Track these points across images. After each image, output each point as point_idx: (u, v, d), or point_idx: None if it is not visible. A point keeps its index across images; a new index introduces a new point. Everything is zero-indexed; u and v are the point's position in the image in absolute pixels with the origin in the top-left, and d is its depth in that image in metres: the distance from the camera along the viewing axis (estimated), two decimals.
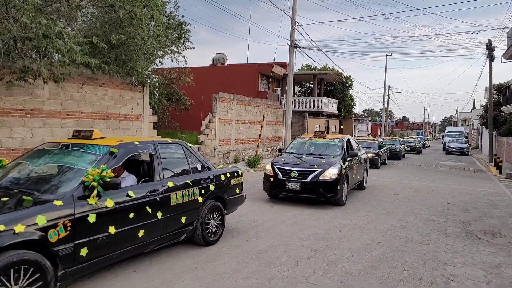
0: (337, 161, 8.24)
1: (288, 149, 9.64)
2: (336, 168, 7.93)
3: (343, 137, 9.49)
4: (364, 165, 10.58)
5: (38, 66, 6.97)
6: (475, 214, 7.91)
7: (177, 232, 4.62)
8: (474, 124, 46.06)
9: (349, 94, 32.73)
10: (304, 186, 7.77)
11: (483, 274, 4.53)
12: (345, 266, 4.58)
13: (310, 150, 9.30)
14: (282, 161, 8.41)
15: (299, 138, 10.12)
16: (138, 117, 10.85)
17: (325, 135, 9.62)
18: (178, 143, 5.18)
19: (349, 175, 8.62)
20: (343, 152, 8.77)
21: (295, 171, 7.92)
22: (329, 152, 8.84)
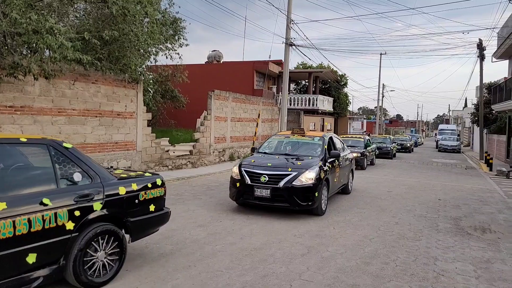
0: (316, 163, 7.15)
1: (261, 148, 8.39)
2: (313, 172, 6.82)
3: (324, 135, 8.38)
4: (349, 167, 9.49)
5: (28, 62, 6.89)
6: (466, 210, 8.00)
7: (19, 279, 3.10)
8: (466, 122, 46.54)
9: (344, 92, 32.85)
10: (276, 193, 6.61)
11: (473, 269, 4.59)
12: (338, 262, 4.61)
13: (286, 149, 8.19)
14: (251, 163, 7.24)
15: (275, 136, 8.96)
16: (131, 114, 10.78)
17: (304, 133, 8.51)
18: (40, 143, 3.61)
19: (330, 179, 7.52)
20: (324, 153, 7.68)
21: (265, 175, 6.74)
22: (308, 152, 7.76)
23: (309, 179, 6.70)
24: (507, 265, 4.77)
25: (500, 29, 20.55)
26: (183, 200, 7.91)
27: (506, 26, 19.41)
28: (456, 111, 64.73)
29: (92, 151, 9.65)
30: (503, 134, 21.89)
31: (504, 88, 19.22)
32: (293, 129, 8.64)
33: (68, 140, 9.03)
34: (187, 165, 13.30)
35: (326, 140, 8.12)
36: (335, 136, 9.34)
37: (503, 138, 21.60)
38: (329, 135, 8.64)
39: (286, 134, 8.82)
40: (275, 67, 24.52)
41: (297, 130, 8.57)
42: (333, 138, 8.89)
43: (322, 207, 7.06)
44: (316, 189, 6.72)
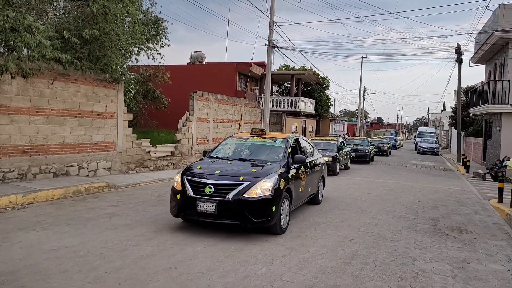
0: (275, 170, 6.01)
1: (214, 152, 7.16)
2: (271, 181, 5.68)
3: (288, 137, 7.31)
4: (320, 173, 8.36)
5: (5, 61, 6.71)
6: (443, 212, 8.22)
7: None
8: (444, 125, 47.77)
9: (326, 94, 33.24)
10: (223, 207, 5.43)
11: (450, 268, 4.72)
12: (319, 263, 4.66)
13: (242, 153, 7.02)
14: (197, 170, 6.07)
15: (232, 138, 7.66)
16: (112, 114, 10.60)
17: (265, 134, 7.32)
18: None
19: (294, 188, 6.42)
20: (287, 157, 6.53)
21: (211, 185, 5.57)
22: (268, 157, 6.61)
23: (265, 190, 5.57)
24: (482, 264, 4.92)
25: (478, 34, 21.23)
26: (164, 202, 7.83)
27: (483, 32, 20.09)
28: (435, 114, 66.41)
29: (71, 152, 9.44)
30: (480, 137, 22.59)
31: (480, 92, 19.85)
32: (252, 130, 7.42)
33: (46, 141, 8.81)
34: (169, 166, 13.17)
35: (290, 143, 6.98)
36: (303, 138, 8.29)
37: (480, 141, 22.29)
38: (294, 137, 7.55)
39: (245, 135, 7.58)
40: (258, 69, 24.60)
41: (257, 131, 7.34)
42: (300, 140, 7.84)
43: (282, 224, 5.84)
44: (274, 202, 5.59)
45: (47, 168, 8.84)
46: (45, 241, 5.00)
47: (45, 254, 4.50)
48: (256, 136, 7.27)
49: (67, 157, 9.37)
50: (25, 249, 4.65)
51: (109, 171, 10.51)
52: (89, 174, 9.92)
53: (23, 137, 8.36)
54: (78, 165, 9.64)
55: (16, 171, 8.18)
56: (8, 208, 6.64)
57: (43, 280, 3.78)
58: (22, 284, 3.68)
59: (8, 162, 8.04)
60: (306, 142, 8.37)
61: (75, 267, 4.16)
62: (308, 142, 8.56)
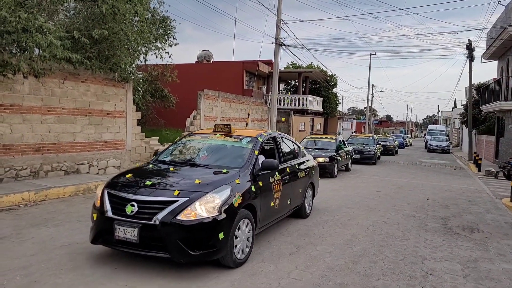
0: (229, 180, 4.43)
1: (162, 154, 5.61)
2: (219, 196, 4.11)
3: (260, 135, 5.62)
4: (307, 180, 6.77)
5: (17, 61, 6.82)
6: (454, 210, 8.12)
7: None
8: (455, 123, 47.17)
9: (333, 92, 33.05)
10: (148, 234, 3.90)
11: (461, 268, 4.67)
12: (326, 261, 4.65)
13: (198, 157, 5.46)
14: (124, 180, 4.53)
15: (190, 136, 6.10)
16: (121, 113, 10.71)
17: (231, 131, 5.68)
18: None
19: (261, 204, 4.86)
20: (253, 163, 4.96)
21: (134, 201, 4.04)
22: (228, 162, 5.09)
23: (210, 209, 3.99)
24: (494, 264, 4.86)
25: (490, 29, 20.88)
26: None
27: (495, 27, 19.74)
28: (446, 111, 65.63)
29: (82, 150, 9.57)
30: (492, 134, 22.24)
31: (493, 88, 19.53)
32: (215, 126, 5.83)
33: (57, 139, 8.95)
34: None
35: (259, 144, 5.40)
36: (284, 137, 6.66)
37: (492, 139, 21.95)
38: (269, 135, 5.97)
39: (206, 133, 6.03)
40: (265, 67, 24.59)
41: (220, 127, 5.77)
42: (279, 139, 6.24)
43: (236, 255, 4.27)
44: (223, 226, 4.01)
45: (58, 166, 8.98)
46: (57, 237, 5.09)
47: (57, 250, 4.59)
48: (219, 134, 5.69)
49: (78, 155, 9.49)
50: (38, 245, 4.74)
51: (119, 169, 10.63)
52: (99, 172, 10.04)
53: (35, 135, 8.49)
54: (88, 163, 9.77)
55: (28, 169, 8.32)
56: (21, 205, 6.77)
57: (55, 276, 3.85)
58: (34, 279, 3.75)
59: (21, 160, 8.18)
60: (289, 141, 6.79)
61: (86, 263, 4.22)
62: (292, 141, 6.98)
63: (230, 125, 5.79)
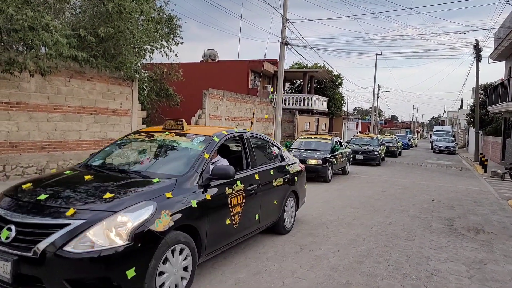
0: (155, 194, 3.29)
1: (96, 156, 4.46)
2: (131, 217, 2.99)
3: (217, 134, 4.45)
4: (285, 190, 5.50)
5: (24, 59, 6.87)
6: (459, 211, 8.06)
7: None
8: (461, 124, 46.83)
9: (339, 92, 32.96)
10: (24, 270, 2.80)
11: (466, 269, 4.63)
12: (331, 261, 4.64)
13: (135, 161, 4.51)
14: (17, 192, 3.40)
15: (135, 135, 4.97)
16: (126, 112, 10.76)
17: (183, 129, 4.57)
18: None
19: (210, 224, 3.74)
20: (199, 170, 3.80)
21: (13, 223, 2.96)
22: (172, 168, 3.92)
23: (114, 236, 2.86)
24: (499, 266, 4.81)
25: (497, 30, 20.69)
26: None
27: (503, 27, 19.55)
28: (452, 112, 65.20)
29: (87, 148, 9.63)
30: (499, 135, 22.05)
31: (500, 89, 19.36)
32: (165, 122, 4.77)
33: (63, 137, 9.01)
34: None
35: (214, 144, 4.25)
36: (257, 136, 5.42)
37: (499, 140, 21.76)
38: (231, 134, 4.74)
39: (153, 130, 4.86)
40: (270, 66, 24.57)
41: (171, 124, 4.69)
42: (249, 139, 5.03)
43: None
44: (132, 260, 2.89)
45: (64, 163, 9.04)
46: None
47: None
48: (168, 132, 4.59)
49: (84, 153, 9.55)
50: None
51: None
52: None
53: (41, 133, 8.56)
54: None
55: (34, 166, 8.38)
56: None
57: None
58: None
59: (27, 158, 8.25)
60: (264, 142, 5.62)
61: None
62: (270, 142, 5.79)
63: (182, 121, 4.61)
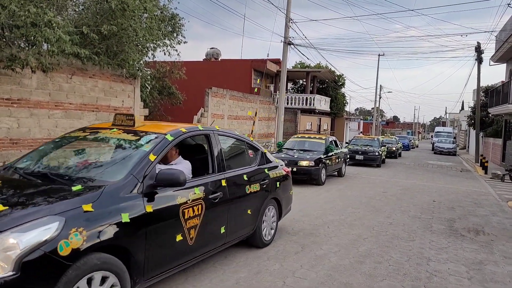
0: (67, 207, 2.60)
1: (24, 158, 3.79)
2: (19, 240, 2.26)
3: (173, 132, 3.77)
4: (262, 197, 4.83)
5: (26, 55, 6.86)
6: (460, 212, 8.06)
7: None
8: (462, 125, 46.74)
9: (341, 92, 32.96)
10: None
11: (466, 270, 4.63)
12: (332, 261, 4.64)
13: (71, 163, 3.78)
14: None
15: (78, 132, 4.20)
16: (128, 109, 10.75)
17: (134, 125, 3.90)
18: None
19: (150, 242, 3.06)
20: (140, 175, 3.16)
21: None
22: (103, 173, 3.33)
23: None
24: (499, 267, 4.81)
25: (499, 32, 20.65)
26: None
27: (504, 30, 19.51)
28: (453, 113, 65.07)
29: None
30: (499, 137, 22.03)
31: (501, 91, 19.34)
32: (115, 117, 4.06)
33: None
34: None
35: (166, 144, 3.57)
36: (229, 135, 4.78)
37: (499, 142, 21.74)
38: (193, 132, 4.05)
39: (101, 127, 4.11)
40: (273, 65, 24.56)
41: (121, 119, 4.00)
42: (216, 138, 4.29)
43: None
44: None
45: None
46: None
47: None
48: (116, 129, 3.87)
49: None
50: None
51: None
52: None
53: (42, 130, 8.56)
54: None
55: None
56: None
57: None
58: None
59: None
60: (238, 141, 4.95)
61: None
62: (246, 141, 5.01)
63: (133, 117, 3.92)
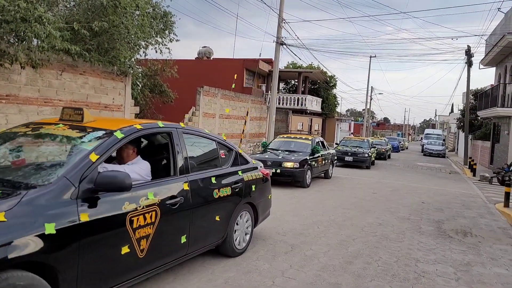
0: None
1: None
2: None
3: (125, 129, 3.29)
4: (234, 203, 4.41)
5: (15, 51, 6.75)
6: (448, 214, 8.16)
7: None
8: (451, 128, 47.37)
9: (333, 93, 33.13)
10: None
11: (453, 271, 4.69)
12: (321, 261, 4.66)
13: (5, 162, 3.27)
14: None
15: (20, 128, 3.63)
16: (119, 107, 10.66)
17: (83, 120, 3.41)
18: None
19: (85, 257, 2.60)
20: (76, 177, 2.71)
21: None
22: (36, 175, 2.90)
23: None
24: (486, 268, 4.88)
25: (489, 36, 20.97)
26: None
27: (494, 34, 19.83)
28: (443, 116, 65.86)
29: None
30: (488, 140, 22.37)
31: (490, 95, 19.63)
32: (63, 110, 3.58)
33: None
34: None
35: (113, 142, 3.12)
36: (197, 133, 4.28)
37: (487, 144, 22.08)
38: (149, 129, 3.62)
39: (45, 122, 3.62)
40: (265, 65, 24.56)
41: (69, 114, 3.53)
42: (180, 136, 3.81)
43: None
44: None
45: None
46: None
47: None
48: (62, 125, 3.38)
49: None
50: None
51: None
52: None
53: None
54: None
55: None
56: None
57: None
58: None
59: None
60: (207, 140, 4.42)
61: None
62: (216, 140, 4.50)
63: (82, 111, 3.39)
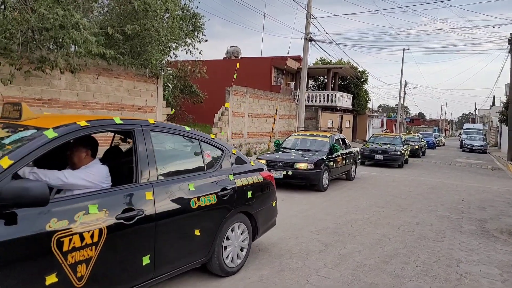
0: None
1: None
2: None
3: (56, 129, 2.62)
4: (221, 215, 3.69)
5: (55, 57, 7.08)
6: (491, 213, 7.73)
7: None
8: (493, 121, 44.95)
9: (363, 89, 32.36)
10: None
11: (499, 272, 4.42)
12: (356, 260, 4.54)
13: None
14: None
15: None
16: (152, 108, 10.94)
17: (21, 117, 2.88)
18: None
19: None
20: None
21: None
22: None
23: None
24: None
25: None
26: None
27: None
28: (483, 109, 62.63)
29: None
30: None
31: None
32: (4, 107, 3.13)
33: None
34: None
35: (41, 143, 2.47)
36: (162, 128, 3.55)
37: None
38: (92, 127, 2.98)
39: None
40: (294, 63, 24.37)
41: (8, 110, 3.06)
42: (143, 134, 3.28)
43: None
44: None
45: None
46: None
47: None
48: None
49: None
50: None
51: None
52: None
53: None
54: None
55: None
56: None
57: None
58: None
59: None
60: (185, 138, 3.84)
61: None
62: (201, 139, 3.93)
63: (20, 106, 2.94)
